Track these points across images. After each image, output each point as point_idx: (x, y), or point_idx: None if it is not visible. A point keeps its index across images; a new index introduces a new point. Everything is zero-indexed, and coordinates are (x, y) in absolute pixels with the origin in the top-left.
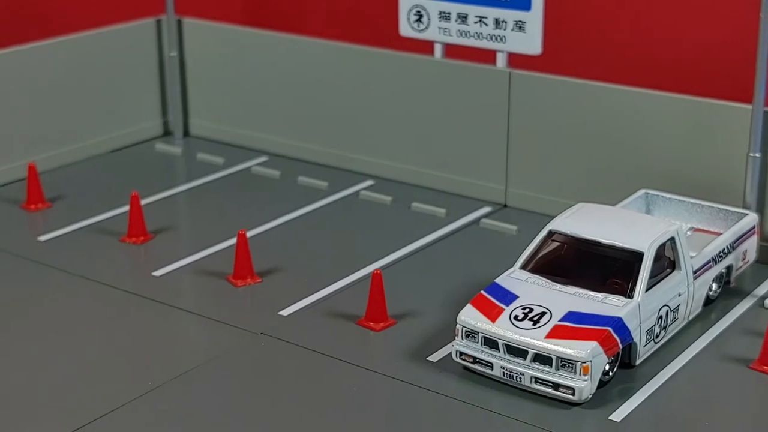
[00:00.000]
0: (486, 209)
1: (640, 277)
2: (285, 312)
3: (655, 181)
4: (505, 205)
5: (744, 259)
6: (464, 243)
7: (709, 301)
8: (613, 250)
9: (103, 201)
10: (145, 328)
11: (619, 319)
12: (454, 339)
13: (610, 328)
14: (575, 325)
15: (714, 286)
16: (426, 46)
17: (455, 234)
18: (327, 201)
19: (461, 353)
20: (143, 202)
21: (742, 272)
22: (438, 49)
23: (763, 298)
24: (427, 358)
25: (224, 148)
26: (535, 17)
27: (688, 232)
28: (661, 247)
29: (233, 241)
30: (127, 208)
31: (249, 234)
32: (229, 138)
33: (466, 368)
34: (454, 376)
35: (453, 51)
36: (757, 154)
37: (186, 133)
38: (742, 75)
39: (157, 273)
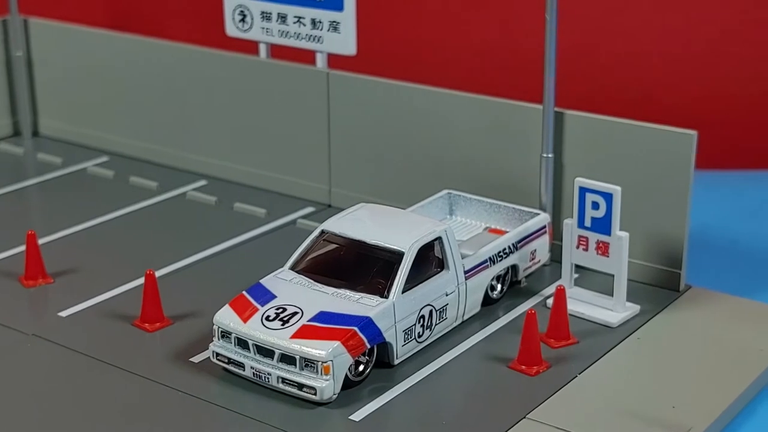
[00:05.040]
0: (309, 209)
1: (397, 277)
2: (64, 313)
3: (465, 181)
4: (330, 206)
5: (533, 259)
6: (275, 243)
7: (493, 301)
8: (377, 250)
9: None
10: None
11: (368, 319)
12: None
13: (356, 328)
14: (322, 325)
15: (498, 285)
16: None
17: (269, 234)
18: (152, 201)
19: (217, 354)
20: None
21: (537, 271)
22: (263, 49)
23: (547, 297)
24: (190, 359)
25: (69, 149)
26: (348, 18)
27: (483, 231)
28: (427, 247)
29: (41, 241)
30: None
31: (63, 234)
32: (77, 138)
33: (225, 369)
34: (213, 378)
35: (292, 53)
36: (549, 155)
37: (35, 133)
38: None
39: None
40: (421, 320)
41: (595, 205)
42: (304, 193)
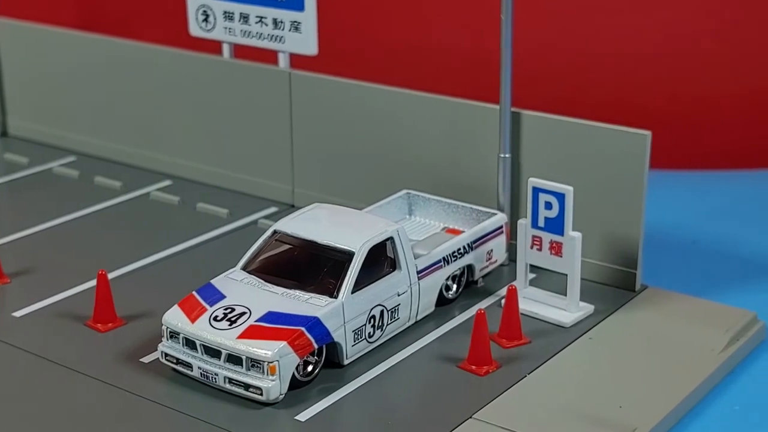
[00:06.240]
0: (272, 209)
1: (346, 277)
2: (19, 313)
3: (428, 181)
4: (293, 206)
5: (490, 259)
6: (235, 243)
7: (448, 301)
8: (329, 250)
9: None
10: None
11: (316, 319)
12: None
13: (303, 328)
14: (270, 325)
15: (454, 286)
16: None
17: (230, 234)
18: (116, 201)
19: (166, 354)
20: None
21: (494, 271)
22: (226, 49)
23: (502, 297)
24: (140, 360)
25: (38, 149)
26: (309, 18)
27: (440, 231)
28: (379, 247)
29: (1, 241)
30: None
31: (24, 234)
32: (46, 138)
33: (174, 369)
34: (161, 378)
35: (257, 52)
36: (506, 155)
37: (5, 133)
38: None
39: None
40: (372, 320)
41: (548, 205)
42: (268, 194)
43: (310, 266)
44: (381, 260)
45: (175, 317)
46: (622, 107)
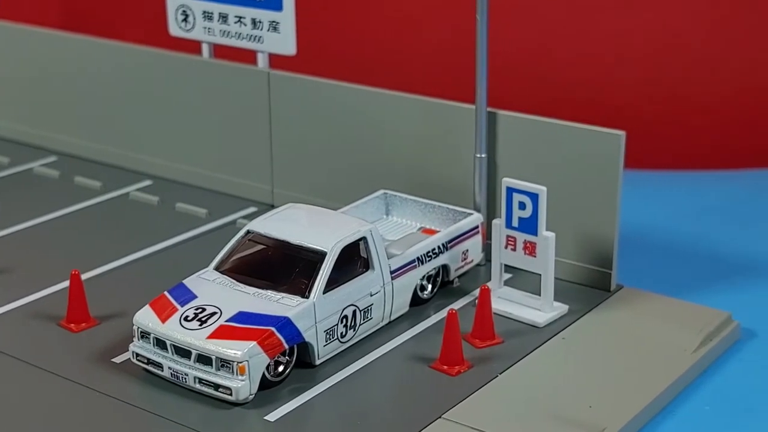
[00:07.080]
0: (251, 209)
1: (318, 277)
2: None
3: (407, 181)
4: (272, 206)
5: (465, 259)
6: (213, 243)
7: (423, 301)
8: (301, 250)
9: None
10: None
11: (286, 319)
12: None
13: (273, 328)
14: (240, 325)
15: (429, 286)
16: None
17: (208, 234)
18: (95, 201)
19: (137, 354)
20: None
21: (471, 271)
22: (205, 49)
23: (476, 297)
24: (112, 360)
25: (19, 149)
26: (287, 18)
27: (416, 231)
28: (352, 247)
29: None
30: None
31: (1, 234)
32: (28, 138)
33: (145, 370)
34: (133, 378)
35: (237, 52)
36: (482, 155)
37: None
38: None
39: None
40: (344, 320)
41: (522, 206)
42: (247, 193)
43: (283, 266)
44: (354, 260)
45: (145, 317)
46: (608, 108)
